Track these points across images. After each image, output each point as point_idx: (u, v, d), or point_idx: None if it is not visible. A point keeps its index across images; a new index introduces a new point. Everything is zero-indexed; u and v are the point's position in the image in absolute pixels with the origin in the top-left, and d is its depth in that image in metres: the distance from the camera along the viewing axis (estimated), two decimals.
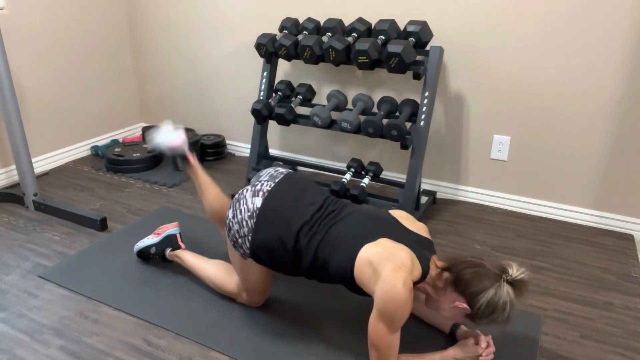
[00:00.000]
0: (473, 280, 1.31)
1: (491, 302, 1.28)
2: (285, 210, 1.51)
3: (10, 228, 2.27)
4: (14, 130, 2.29)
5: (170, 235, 1.95)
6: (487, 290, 1.29)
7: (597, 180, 2.29)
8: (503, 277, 1.30)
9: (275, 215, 1.51)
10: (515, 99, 2.32)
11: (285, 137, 2.97)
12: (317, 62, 2.34)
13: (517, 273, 1.30)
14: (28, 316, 1.71)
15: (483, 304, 1.29)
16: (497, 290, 1.28)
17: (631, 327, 1.69)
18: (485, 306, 1.29)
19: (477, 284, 1.30)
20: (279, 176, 1.61)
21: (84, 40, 2.97)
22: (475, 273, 1.32)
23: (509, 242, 2.21)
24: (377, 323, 1.34)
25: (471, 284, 1.31)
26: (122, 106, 3.31)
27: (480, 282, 1.30)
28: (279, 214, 1.51)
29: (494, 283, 1.29)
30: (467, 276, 1.32)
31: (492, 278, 1.30)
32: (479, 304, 1.30)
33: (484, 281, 1.30)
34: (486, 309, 1.29)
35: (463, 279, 1.33)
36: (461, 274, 1.33)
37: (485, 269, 1.32)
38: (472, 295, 1.31)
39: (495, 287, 1.29)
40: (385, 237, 1.40)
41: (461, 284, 1.33)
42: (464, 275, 1.33)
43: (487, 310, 1.29)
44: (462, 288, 1.33)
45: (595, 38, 2.10)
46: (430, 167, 2.62)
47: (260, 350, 1.56)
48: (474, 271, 1.32)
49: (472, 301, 1.31)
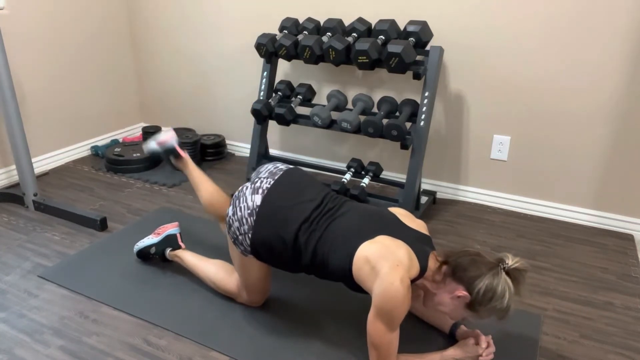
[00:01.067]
0: (471, 266, 1.33)
1: (489, 286, 1.29)
2: (285, 208, 1.51)
3: (10, 228, 2.27)
4: (14, 130, 2.29)
5: (171, 235, 1.96)
6: (485, 274, 1.30)
7: (597, 180, 2.29)
8: (500, 266, 1.31)
9: (274, 213, 1.51)
10: (515, 99, 2.32)
11: (285, 137, 2.97)
12: (317, 62, 2.34)
13: (513, 262, 1.31)
14: (28, 316, 1.71)
15: (482, 288, 1.30)
16: (494, 276, 1.30)
17: (631, 327, 1.69)
18: (484, 291, 1.30)
19: (475, 269, 1.32)
20: (278, 173, 1.61)
21: (84, 40, 2.97)
22: (473, 260, 1.34)
23: (509, 242, 2.21)
24: (375, 321, 1.34)
25: (469, 269, 1.33)
26: (122, 106, 3.31)
27: (478, 268, 1.32)
28: (279, 211, 1.51)
29: (491, 269, 1.31)
30: (465, 262, 1.34)
31: (489, 265, 1.33)
32: (478, 289, 1.30)
33: (482, 267, 1.32)
34: (485, 294, 1.30)
35: (461, 266, 1.35)
36: (459, 262, 1.36)
37: (482, 257, 1.35)
38: (471, 280, 1.32)
39: (492, 273, 1.30)
40: (383, 235, 1.40)
41: (459, 270, 1.35)
42: (462, 262, 1.35)
43: (487, 296, 1.30)
44: (460, 274, 1.34)
45: (595, 38, 2.10)
46: (430, 167, 2.62)
47: (260, 350, 1.56)
48: (471, 259, 1.35)
49: (471, 286, 1.32)
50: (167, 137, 1.99)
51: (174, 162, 2.00)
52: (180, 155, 1.98)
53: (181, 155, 1.98)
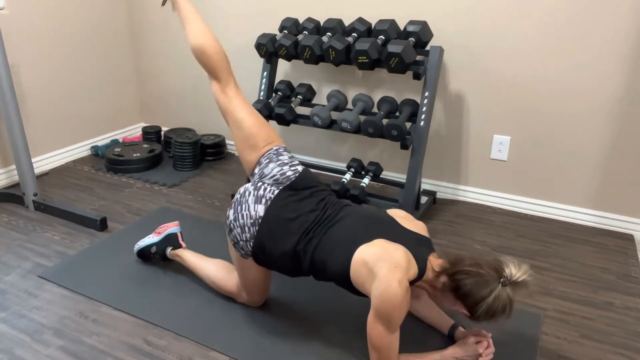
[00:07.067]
0: (473, 291, 1.30)
1: (491, 308, 1.28)
2: (287, 220, 1.51)
3: (10, 228, 2.27)
4: (14, 130, 2.29)
5: (171, 234, 1.95)
6: (486, 299, 1.28)
7: (597, 180, 2.29)
8: (501, 282, 1.28)
9: (277, 225, 1.51)
10: (515, 99, 2.32)
11: (285, 137, 2.97)
12: (317, 62, 2.34)
13: (516, 274, 1.29)
14: (28, 316, 1.71)
15: (483, 311, 1.29)
16: (496, 297, 1.27)
17: (631, 327, 1.69)
18: (485, 313, 1.29)
19: (477, 294, 1.29)
20: (284, 182, 1.58)
21: (84, 40, 2.97)
22: (475, 284, 1.30)
23: (509, 242, 2.21)
24: (375, 324, 1.34)
25: (470, 294, 1.30)
26: (122, 106, 3.31)
27: (479, 293, 1.29)
28: (281, 223, 1.51)
29: (493, 290, 1.28)
30: (467, 288, 1.30)
31: (491, 285, 1.28)
32: (479, 313, 1.30)
33: (483, 290, 1.28)
34: (486, 314, 1.30)
35: (462, 290, 1.31)
36: (460, 285, 1.32)
37: (484, 278, 1.30)
38: (472, 304, 1.30)
39: (494, 295, 1.27)
40: (381, 238, 1.40)
41: (460, 294, 1.32)
42: (464, 287, 1.31)
43: (487, 315, 1.30)
44: (461, 298, 1.33)
45: (595, 38, 2.10)
46: (430, 167, 2.62)
47: (260, 350, 1.56)
48: (473, 282, 1.30)
49: (472, 309, 1.31)
50: None
51: None
52: None
53: None
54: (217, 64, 1.65)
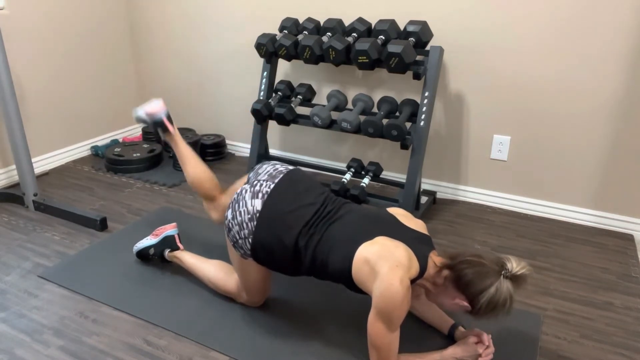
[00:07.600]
0: (474, 281, 1.31)
1: (492, 300, 1.29)
2: (286, 212, 1.51)
3: (10, 228, 2.27)
4: (14, 130, 2.29)
5: (169, 236, 1.95)
6: (488, 289, 1.29)
7: (597, 180, 2.29)
8: (503, 274, 1.30)
9: (275, 218, 1.51)
10: (515, 99, 2.32)
11: (285, 137, 2.97)
12: (317, 62, 2.34)
13: (517, 268, 1.30)
14: (28, 316, 1.71)
15: (484, 303, 1.30)
16: (497, 289, 1.29)
17: (631, 327, 1.69)
18: (486, 305, 1.30)
19: (478, 284, 1.30)
20: (278, 176, 1.60)
21: (84, 40, 2.97)
22: (476, 273, 1.31)
23: (509, 242, 2.21)
24: (375, 322, 1.34)
25: (472, 284, 1.31)
26: (122, 106, 3.31)
27: (481, 283, 1.30)
28: (279, 216, 1.51)
29: (494, 281, 1.29)
30: (468, 277, 1.32)
31: (492, 277, 1.30)
32: (480, 304, 1.30)
33: (485, 281, 1.30)
34: (487, 307, 1.30)
35: (464, 280, 1.33)
36: (462, 275, 1.33)
37: (485, 268, 1.32)
38: (473, 295, 1.31)
39: (495, 286, 1.29)
40: (382, 235, 1.40)
41: (462, 284, 1.33)
42: (465, 276, 1.32)
43: (488, 308, 1.30)
44: (462, 288, 1.33)
45: (595, 38, 2.10)
46: (430, 167, 2.62)
47: (260, 350, 1.56)
48: (474, 271, 1.32)
49: (474, 301, 1.32)
50: (156, 108, 1.91)
51: (162, 135, 1.94)
52: (168, 129, 1.91)
53: (169, 129, 1.92)
54: (210, 192, 1.89)
